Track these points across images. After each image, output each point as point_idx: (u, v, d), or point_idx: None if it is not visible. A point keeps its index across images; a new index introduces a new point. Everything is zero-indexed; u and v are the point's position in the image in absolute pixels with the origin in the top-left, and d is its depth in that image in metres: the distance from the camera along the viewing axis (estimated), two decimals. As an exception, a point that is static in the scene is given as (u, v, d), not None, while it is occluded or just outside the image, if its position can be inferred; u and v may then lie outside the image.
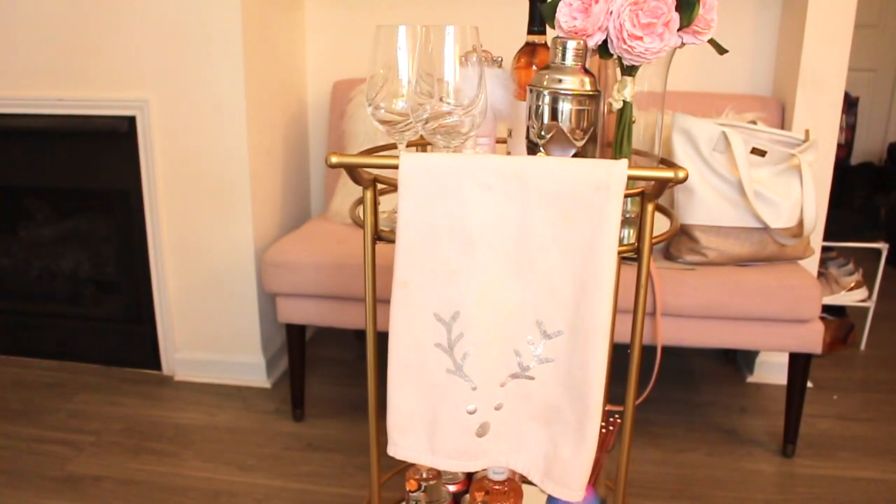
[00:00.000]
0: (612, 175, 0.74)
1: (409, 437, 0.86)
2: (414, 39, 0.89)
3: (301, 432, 1.93)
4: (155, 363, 2.22)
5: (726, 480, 1.73)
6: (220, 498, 1.66)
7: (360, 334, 2.50)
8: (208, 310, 2.13)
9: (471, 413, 0.84)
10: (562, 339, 0.80)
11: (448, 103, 0.84)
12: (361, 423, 1.96)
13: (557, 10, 0.87)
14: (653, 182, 0.79)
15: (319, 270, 1.83)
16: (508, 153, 1.02)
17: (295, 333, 1.92)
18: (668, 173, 0.77)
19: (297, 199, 2.36)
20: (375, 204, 0.89)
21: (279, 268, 1.87)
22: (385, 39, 0.90)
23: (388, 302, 0.84)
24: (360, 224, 0.95)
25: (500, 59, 1.01)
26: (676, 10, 0.85)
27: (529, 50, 1.00)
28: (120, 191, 2.09)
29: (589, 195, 0.74)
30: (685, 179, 0.77)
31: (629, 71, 0.90)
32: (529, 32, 0.99)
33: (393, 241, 0.94)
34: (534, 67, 0.99)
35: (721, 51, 0.93)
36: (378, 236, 0.91)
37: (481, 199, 0.77)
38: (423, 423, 0.85)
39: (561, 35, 0.87)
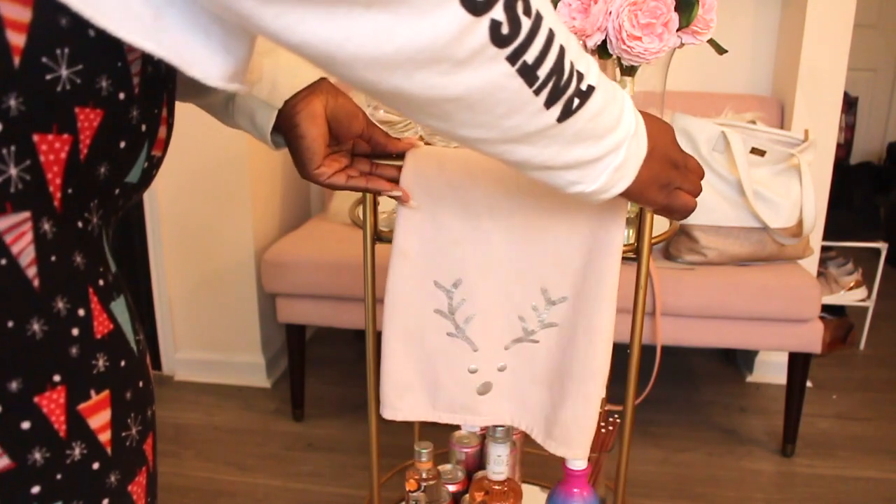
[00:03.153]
0: None
1: (409, 399, 0.87)
2: None
3: (301, 432, 1.93)
4: (155, 363, 2.22)
5: (726, 480, 1.74)
6: (220, 498, 1.66)
7: (359, 334, 2.51)
8: (208, 310, 2.14)
9: (472, 372, 0.85)
10: (566, 305, 0.81)
11: None
12: (361, 423, 1.96)
13: (556, 9, 0.87)
14: None
15: (319, 270, 1.84)
16: None
17: (295, 333, 1.93)
18: None
19: (297, 199, 2.37)
20: (375, 204, 0.89)
21: (279, 268, 1.87)
22: None
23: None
24: (359, 224, 0.95)
25: None
26: (675, 10, 0.85)
27: None
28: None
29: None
30: None
31: (628, 71, 0.90)
32: None
33: (388, 241, 0.95)
34: None
35: (720, 51, 0.93)
36: (378, 237, 0.90)
37: (479, 172, 0.78)
38: (422, 383, 0.86)
39: None
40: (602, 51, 0.88)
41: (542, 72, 0.42)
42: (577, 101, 0.45)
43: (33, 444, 0.40)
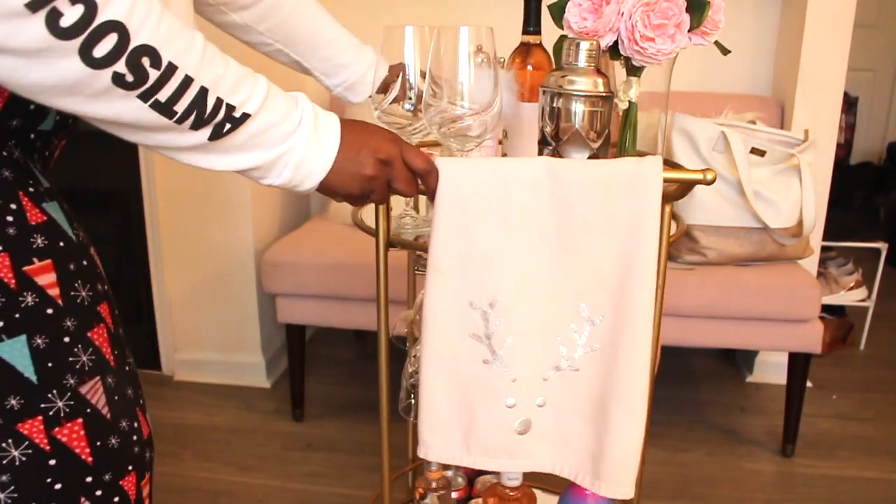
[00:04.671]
0: (649, 170, 0.75)
1: (441, 437, 0.81)
2: (422, 40, 0.87)
3: (301, 432, 1.93)
4: (155, 363, 2.22)
5: (726, 480, 1.74)
6: (220, 498, 1.66)
7: (360, 334, 2.51)
8: (208, 310, 2.14)
9: (510, 407, 0.80)
10: (605, 326, 0.78)
11: (462, 106, 0.82)
12: (361, 423, 1.96)
13: (566, 10, 0.87)
14: (675, 184, 0.78)
15: (319, 270, 1.84)
16: (504, 155, 1.02)
17: (295, 333, 1.92)
18: (696, 175, 0.77)
19: (297, 200, 2.37)
20: (388, 209, 0.86)
21: (279, 268, 1.87)
22: (392, 40, 0.88)
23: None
24: (364, 229, 0.93)
25: (502, 59, 1.00)
26: (687, 11, 0.85)
27: (524, 50, 0.99)
28: (120, 191, 2.10)
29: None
30: (713, 181, 0.77)
31: (635, 71, 0.90)
32: (524, 32, 0.98)
33: (404, 248, 0.92)
34: (529, 68, 0.99)
35: (724, 51, 0.93)
36: (391, 243, 0.87)
37: (520, 183, 0.75)
38: (457, 419, 0.81)
39: (571, 36, 0.87)
40: (612, 51, 0.88)
41: (180, 107, 0.54)
42: (228, 125, 0.57)
43: None
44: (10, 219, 0.57)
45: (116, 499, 0.65)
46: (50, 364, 0.59)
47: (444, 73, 0.80)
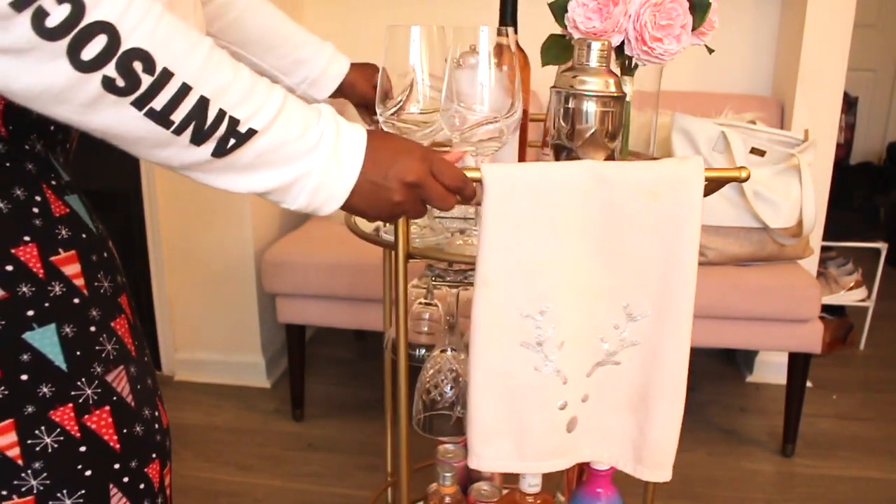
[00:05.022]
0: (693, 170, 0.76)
1: (493, 446, 0.81)
2: (430, 40, 0.83)
3: (301, 432, 1.93)
4: (155, 363, 2.21)
5: (726, 480, 1.74)
6: (220, 498, 1.66)
7: (360, 334, 2.51)
8: (208, 310, 2.14)
9: (561, 409, 0.80)
10: (647, 321, 0.79)
11: (480, 111, 0.78)
12: (361, 424, 1.96)
13: (571, 10, 0.87)
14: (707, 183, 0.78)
15: (319, 270, 1.84)
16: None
17: (295, 333, 1.92)
18: (732, 173, 0.78)
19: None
20: (407, 220, 0.83)
21: (279, 268, 1.87)
22: (396, 41, 0.84)
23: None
24: (367, 238, 0.88)
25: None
26: (689, 11, 0.86)
27: (497, 51, 0.96)
28: (120, 191, 2.10)
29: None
30: (748, 179, 0.78)
31: (628, 71, 0.90)
32: (500, 34, 0.92)
33: (420, 258, 0.90)
34: (504, 69, 0.96)
35: (710, 50, 0.95)
36: (411, 255, 0.83)
37: (568, 187, 0.75)
38: (508, 428, 0.80)
39: (578, 36, 0.87)
40: (617, 51, 0.88)
41: (177, 117, 0.51)
42: (232, 140, 0.54)
43: (19, 282, 0.56)
44: (35, 210, 0.58)
45: (142, 486, 0.66)
46: (78, 352, 0.60)
47: (463, 75, 0.77)
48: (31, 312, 0.57)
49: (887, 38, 3.72)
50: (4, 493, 0.57)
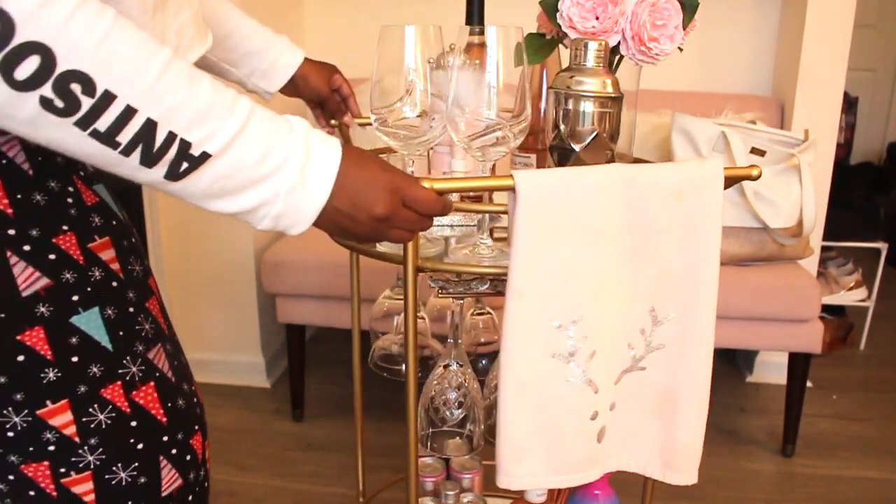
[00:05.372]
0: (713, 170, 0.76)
1: (525, 463, 0.79)
2: (426, 40, 0.81)
3: (301, 432, 1.93)
4: (155, 363, 2.22)
5: (726, 480, 1.74)
6: (220, 498, 1.66)
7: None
8: (208, 310, 2.14)
9: (592, 419, 0.79)
10: (671, 324, 0.79)
11: (488, 116, 0.76)
12: (361, 423, 1.95)
13: (566, 9, 0.87)
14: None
15: (319, 270, 1.84)
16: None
17: (295, 333, 1.92)
18: (743, 171, 0.78)
19: (296, 199, 2.36)
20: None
21: (279, 268, 1.87)
22: (391, 41, 0.81)
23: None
24: (371, 255, 0.84)
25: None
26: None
27: (475, 52, 0.95)
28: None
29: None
30: (759, 177, 0.78)
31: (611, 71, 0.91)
32: (471, 33, 0.88)
33: (434, 272, 0.87)
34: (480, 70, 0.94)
35: (680, 49, 0.95)
36: (420, 268, 0.80)
37: (597, 192, 0.74)
38: (540, 443, 0.79)
39: (575, 36, 0.87)
40: (611, 51, 0.88)
41: (124, 138, 0.49)
42: (185, 164, 0.52)
43: (62, 269, 0.58)
44: (70, 201, 0.60)
45: (188, 457, 0.69)
46: (121, 333, 0.63)
47: (468, 79, 0.75)
48: (75, 297, 0.59)
49: (887, 38, 3.72)
50: (63, 470, 0.60)
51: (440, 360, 1.03)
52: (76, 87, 0.46)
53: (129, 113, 0.49)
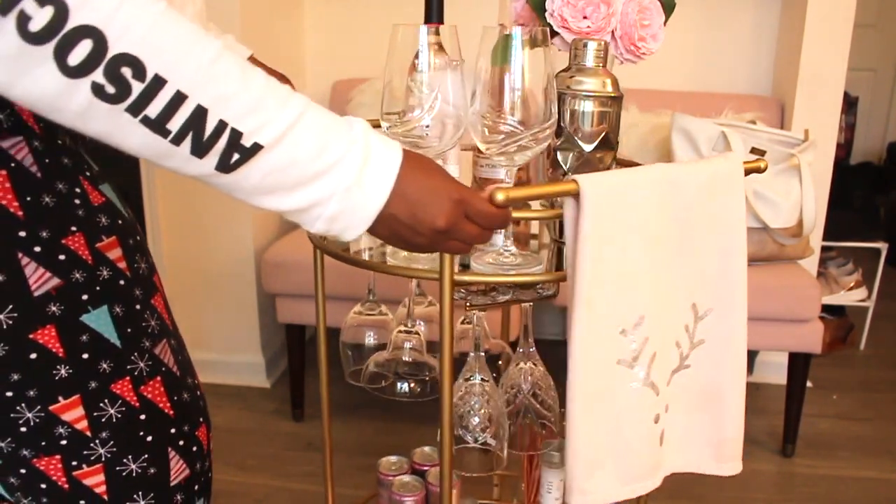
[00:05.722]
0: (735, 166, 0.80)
1: (596, 479, 0.77)
2: (444, 40, 0.78)
3: (301, 432, 1.93)
4: (155, 363, 2.22)
5: (726, 480, 1.73)
6: (219, 498, 1.66)
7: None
8: (208, 310, 2.13)
9: (655, 422, 0.78)
10: (711, 318, 0.81)
11: (511, 121, 0.74)
12: (361, 423, 1.96)
13: (553, 8, 0.86)
14: None
15: (319, 270, 1.83)
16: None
17: (295, 333, 1.92)
18: (750, 164, 0.81)
19: (296, 199, 2.36)
20: None
21: (279, 268, 1.87)
22: (404, 40, 0.77)
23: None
24: (398, 273, 0.81)
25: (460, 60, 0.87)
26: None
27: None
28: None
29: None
30: (766, 170, 0.81)
31: None
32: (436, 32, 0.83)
33: (471, 283, 0.85)
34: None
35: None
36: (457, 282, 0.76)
37: (650, 193, 0.74)
38: (610, 455, 0.77)
39: (569, 36, 0.87)
40: None
41: (174, 126, 0.49)
42: (236, 155, 0.51)
43: (72, 269, 0.60)
44: (77, 202, 0.61)
45: (195, 448, 0.71)
46: (129, 330, 0.64)
47: (488, 80, 0.73)
48: (85, 296, 0.61)
49: (887, 38, 3.72)
50: (74, 463, 0.62)
51: (462, 373, 0.99)
52: (127, 71, 0.46)
53: (178, 99, 0.48)
